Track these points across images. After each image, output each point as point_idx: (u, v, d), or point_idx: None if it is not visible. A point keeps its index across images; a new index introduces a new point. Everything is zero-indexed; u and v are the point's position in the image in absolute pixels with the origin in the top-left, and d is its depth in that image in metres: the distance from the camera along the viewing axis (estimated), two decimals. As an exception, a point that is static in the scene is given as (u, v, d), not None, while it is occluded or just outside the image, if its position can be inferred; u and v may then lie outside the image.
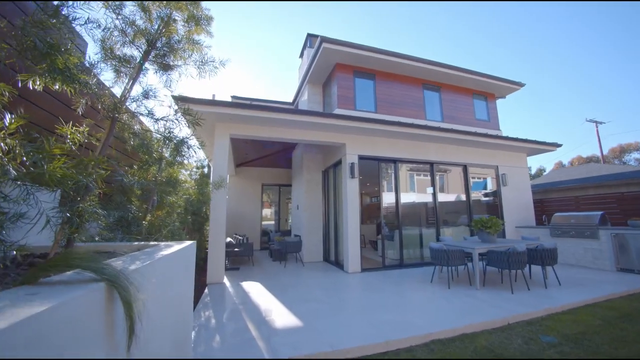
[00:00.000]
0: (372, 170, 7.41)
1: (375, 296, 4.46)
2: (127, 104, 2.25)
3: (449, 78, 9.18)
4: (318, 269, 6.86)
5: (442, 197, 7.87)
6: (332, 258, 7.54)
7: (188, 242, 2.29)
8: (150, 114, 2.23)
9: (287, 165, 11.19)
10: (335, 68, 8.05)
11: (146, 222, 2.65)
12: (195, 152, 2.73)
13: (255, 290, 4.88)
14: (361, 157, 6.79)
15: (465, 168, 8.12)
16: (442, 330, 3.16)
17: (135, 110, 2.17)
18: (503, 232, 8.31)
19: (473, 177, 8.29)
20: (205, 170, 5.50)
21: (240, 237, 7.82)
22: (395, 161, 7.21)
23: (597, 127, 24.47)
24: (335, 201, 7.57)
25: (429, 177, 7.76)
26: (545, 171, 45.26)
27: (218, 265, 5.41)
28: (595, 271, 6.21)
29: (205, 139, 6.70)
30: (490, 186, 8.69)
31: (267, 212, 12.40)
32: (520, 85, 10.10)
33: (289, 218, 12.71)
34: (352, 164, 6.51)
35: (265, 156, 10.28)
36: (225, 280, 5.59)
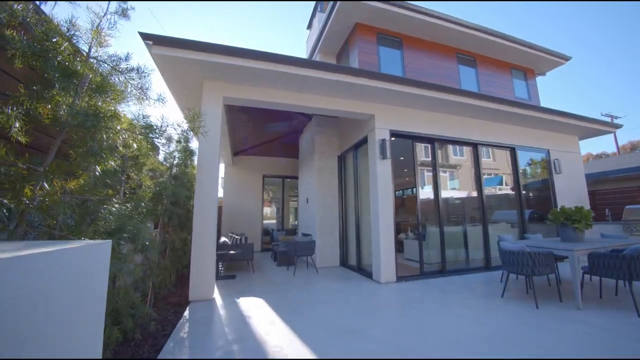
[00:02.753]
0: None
1: (439, 322, 2.96)
2: None
3: (486, 47, 7.71)
4: (337, 277, 5.35)
5: (460, 193, 6.37)
6: (353, 262, 6.04)
7: (69, 244, 0.80)
8: None
9: (291, 154, 9.69)
10: (356, 30, 6.55)
11: (13, 203, 1.13)
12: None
13: (259, 312, 3.37)
14: (392, 134, 5.30)
15: (513, 151, 6.64)
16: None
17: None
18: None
19: (484, 174, 6.68)
20: (192, 145, 4.02)
21: (237, 237, 6.32)
22: (433, 140, 5.71)
23: (612, 121, 23.41)
24: (357, 191, 6.08)
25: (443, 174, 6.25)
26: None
27: (206, 274, 3.89)
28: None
29: (190, 106, 5.18)
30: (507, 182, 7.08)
31: (268, 208, 10.92)
32: (566, 58, 8.64)
33: (291, 217, 11.27)
34: (383, 140, 5.02)
35: (268, 142, 8.78)
36: (216, 295, 4.07)
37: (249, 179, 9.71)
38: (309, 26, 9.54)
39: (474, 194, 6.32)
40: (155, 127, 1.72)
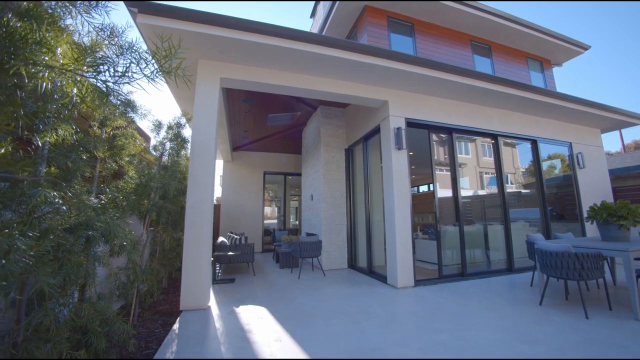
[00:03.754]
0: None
1: (479, 338, 2.45)
2: None
3: (502, 34, 7.23)
4: (347, 281, 4.85)
5: (468, 192, 5.81)
6: (363, 264, 5.54)
7: None
8: None
9: (293, 150, 9.20)
10: (365, 13, 6.07)
11: None
12: None
13: (261, 324, 2.87)
14: (407, 123, 4.80)
15: (535, 144, 6.16)
16: None
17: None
18: (582, 230, 6.36)
19: (487, 173, 6.11)
20: (185, 132, 3.54)
21: (236, 237, 5.81)
22: (451, 131, 5.22)
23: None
24: (367, 187, 5.58)
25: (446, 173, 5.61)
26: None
27: (200, 279, 3.38)
28: None
29: (185, 91, 4.68)
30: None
31: (269, 207, 10.42)
32: (584, 47, 8.17)
33: (292, 217, 10.80)
34: (399, 129, 4.52)
35: (269, 136, 8.28)
36: (212, 303, 3.57)
37: (249, 175, 9.21)
38: (313, 14, 9.05)
39: (481, 192, 5.84)
40: (106, 61, 1.21)
